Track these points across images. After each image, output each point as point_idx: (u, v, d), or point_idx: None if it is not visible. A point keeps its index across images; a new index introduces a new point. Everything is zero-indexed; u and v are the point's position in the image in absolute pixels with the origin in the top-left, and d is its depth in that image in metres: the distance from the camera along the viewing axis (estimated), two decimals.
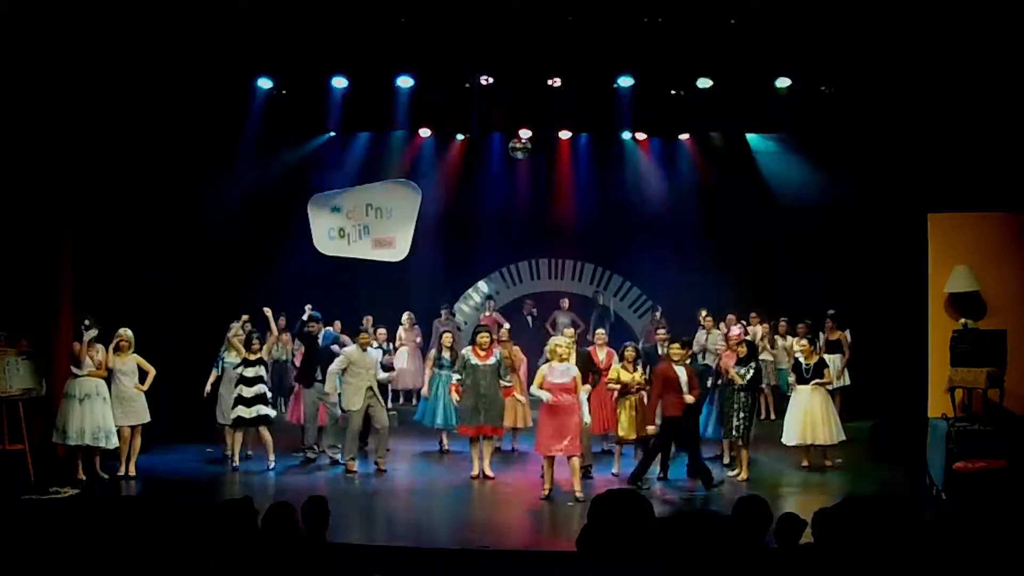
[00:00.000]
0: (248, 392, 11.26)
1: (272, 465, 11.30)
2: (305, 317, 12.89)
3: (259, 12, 11.04)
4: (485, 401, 10.88)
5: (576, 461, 9.98)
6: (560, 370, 9.93)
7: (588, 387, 10.80)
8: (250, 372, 11.30)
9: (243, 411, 11.21)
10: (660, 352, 11.68)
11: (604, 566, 4.32)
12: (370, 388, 11.12)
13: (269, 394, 11.56)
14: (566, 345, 10.22)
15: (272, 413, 11.54)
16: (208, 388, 11.86)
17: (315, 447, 11.86)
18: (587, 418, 10.18)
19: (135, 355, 10.98)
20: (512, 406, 11.72)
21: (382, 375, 11.67)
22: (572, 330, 12.05)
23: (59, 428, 10.55)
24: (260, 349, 11.49)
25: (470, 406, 10.95)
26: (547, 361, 10.20)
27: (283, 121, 13.76)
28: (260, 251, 14.84)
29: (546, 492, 10.02)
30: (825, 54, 11.55)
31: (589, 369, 11.18)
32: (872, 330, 13.41)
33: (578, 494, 9.84)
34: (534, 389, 10.09)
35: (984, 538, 5.93)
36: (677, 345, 10.73)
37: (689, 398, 10.47)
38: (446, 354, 11.97)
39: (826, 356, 12.49)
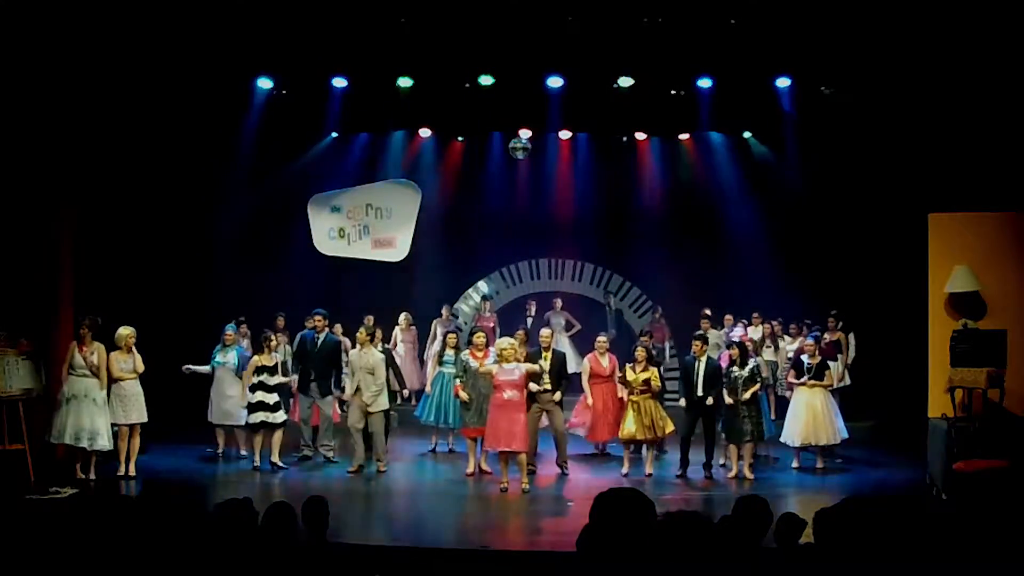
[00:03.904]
0: (269, 399, 11.31)
1: (280, 464, 11.32)
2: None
3: (259, 12, 11.05)
4: (486, 401, 10.89)
5: (523, 457, 10.29)
6: (508, 368, 10.31)
7: (560, 393, 11.17)
8: (271, 379, 11.34)
9: (265, 415, 11.24)
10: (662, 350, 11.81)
11: (604, 566, 4.33)
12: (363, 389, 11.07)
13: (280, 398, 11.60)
14: (510, 347, 10.52)
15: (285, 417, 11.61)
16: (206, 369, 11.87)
17: (311, 445, 11.88)
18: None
19: (134, 352, 10.94)
20: None
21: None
22: (548, 330, 12.04)
23: (52, 426, 10.56)
24: (276, 349, 11.55)
25: (472, 408, 11.02)
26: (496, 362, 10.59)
27: (283, 121, 13.77)
28: (260, 251, 14.85)
29: (504, 485, 10.34)
30: (825, 54, 11.55)
31: (561, 375, 11.34)
32: (872, 330, 13.42)
33: (524, 486, 10.23)
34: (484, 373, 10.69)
35: (984, 538, 5.93)
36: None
37: None
38: (450, 353, 11.99)
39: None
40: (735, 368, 10.93)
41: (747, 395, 10.79)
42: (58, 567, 5.09)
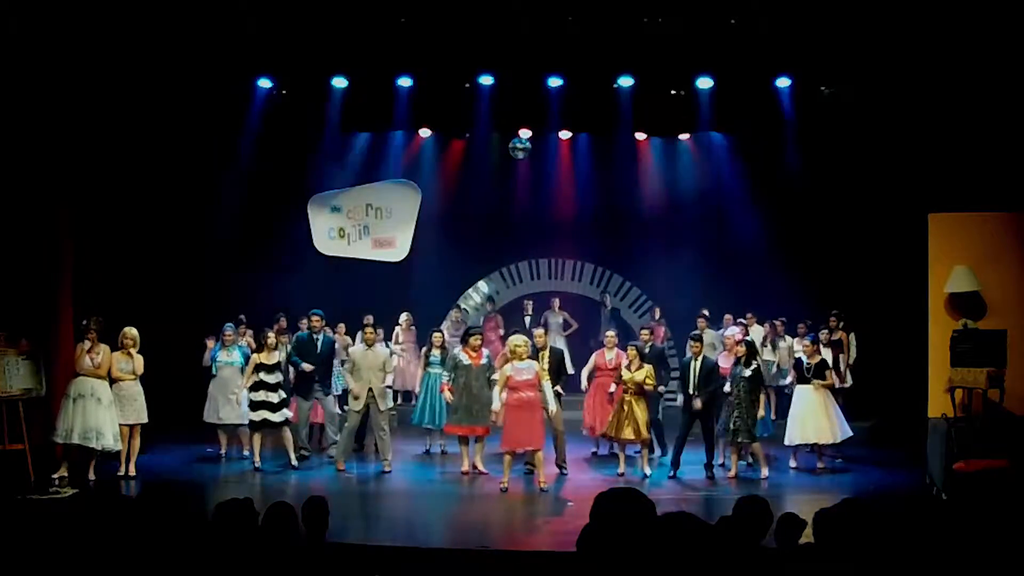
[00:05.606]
0: (274, 397, 11.29)
1: (294, 463, 11.33)
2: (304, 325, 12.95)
3: (260, 12, 11.06)
4: (476, 401, 10.95)
5: (540, 455, 10.30)
6: (522, 367, 10.23)
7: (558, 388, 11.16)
8: (271, 377, 11.33)
9: (267, 414, 11.23)
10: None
11: (604, 566, 4.33)
12: (371, 390, 11.08)
13: (286, 395, 11.58)
14: (524, 344, 10.45)
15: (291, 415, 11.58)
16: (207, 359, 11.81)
17: (308, 446, 11.89)
18: (552, 407, 10.54)
19: (134, 354, 10.94)
20: None
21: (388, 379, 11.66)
22: (542, 330, 12.03)
23: (56, 426, 10.55)
24: (276, 348, 11.54)
25: (461, 406, 11.03)
26: (508, 361, 10.46)
27: (283, 121, 13.77)
28: (260, 251, 14.85)
29: (504, 485, 10.29)
30: (825, 54, 11.56)
31: (560, 371, 11.36)
32: (872, 330, 13.41)
33: (543, 485, 10.25)
34: (496, 392, 10.38)
35: (984, 538, 5.94)
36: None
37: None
38: (436, 353, 11.98)
39: (828, 356, 12.48)
40: (739, 367, 10.91)
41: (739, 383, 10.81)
42: (58, 567, 5.10)
